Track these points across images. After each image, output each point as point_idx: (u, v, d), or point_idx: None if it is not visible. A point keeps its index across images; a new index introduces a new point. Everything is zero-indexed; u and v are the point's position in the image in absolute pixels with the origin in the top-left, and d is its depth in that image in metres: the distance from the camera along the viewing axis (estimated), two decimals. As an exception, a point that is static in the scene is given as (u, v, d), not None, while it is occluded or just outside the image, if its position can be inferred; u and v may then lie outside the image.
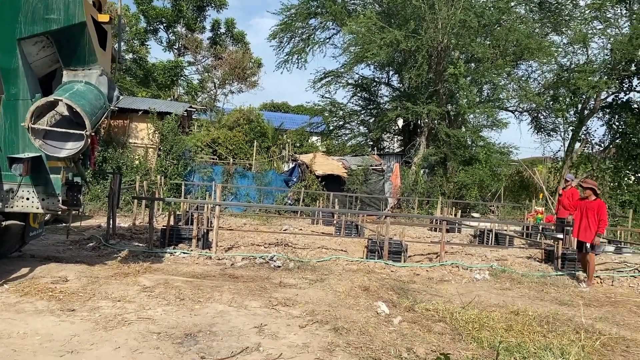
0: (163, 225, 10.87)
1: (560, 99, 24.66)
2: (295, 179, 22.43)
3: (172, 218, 11.23)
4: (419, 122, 25.37)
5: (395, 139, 31.34)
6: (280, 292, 7.13)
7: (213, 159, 23.78)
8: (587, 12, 23.69)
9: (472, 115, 25.00)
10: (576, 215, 10.18)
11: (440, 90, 23.49)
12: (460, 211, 19.64)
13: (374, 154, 25.96)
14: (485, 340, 5.48)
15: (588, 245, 9.64)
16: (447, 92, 23.92)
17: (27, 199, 6.78)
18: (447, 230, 15.70)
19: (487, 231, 14.35)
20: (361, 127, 29.17)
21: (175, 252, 9.50)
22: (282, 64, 28.38)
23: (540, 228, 15.73)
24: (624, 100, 23.75)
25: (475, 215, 21.84)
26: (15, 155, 6.50)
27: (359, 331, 5.57)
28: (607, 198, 22.47)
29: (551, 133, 26.81)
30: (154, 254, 9.34)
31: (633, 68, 22.66)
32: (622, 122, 23.45)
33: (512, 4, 23.59)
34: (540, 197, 22.96)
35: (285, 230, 14.34)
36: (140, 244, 10.35)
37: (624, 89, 23.78)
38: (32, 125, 6.20)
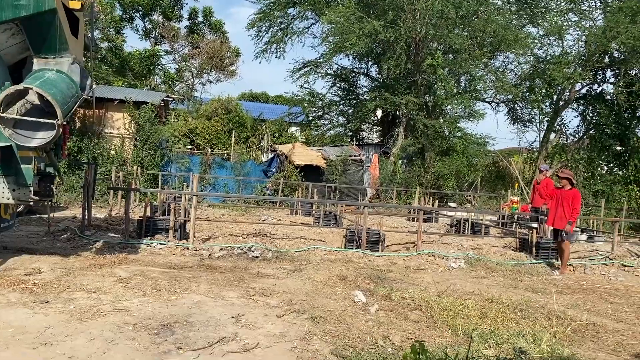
0: (139, 216, 10.77)
1: (536, 90, 24.96)
2: (274, 170, 22.37)
3: (148, 209, 11.15)
4: (397, 113, 25.46)
5: (374, 130, 31.41)
6: (258, 282, 7.13)
7: (191, 149, 23.57)
8: (562, 4, 23.97)
9: (449, 106, 25.17)
10: (552, 204, 10.38)
11: (418, 81, 23.59)
12: (437, 201, 19.81)
13: (353, 145, 26.02)
14: (459, 328, 5.57)
15: (564, 233, 9.84)
16: (425, 83, 24.03)
17: None
18: (425, 220, 15.85)
19: (464, 221, 14.53)
20: (340, 118, 29.14)
21: (151, 243, 9.43)
22: (261, 54, 28.16)
23: (516, 217, 15.99)
24: (598, 91, 24.17)
25: (452, 205, 22.07)
26: None
27: (336, 320, 5.61)
28: (581, 188, 22.88)
29: (527, 124, 27.16)
30: (130, 245, 9.26)
31: (607, 60, 23.05)
32: (595, 114, 23.86)
33: (490, -5, 23.75)
34: (516, 187, 23.30)
35: (263, 220, 14.32)
36: (117, 235, 10.24)
37: (598, 80, 24.19)
38: (2, 114, 6.06)
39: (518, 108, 27.28)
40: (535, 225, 12.70)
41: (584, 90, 24.63)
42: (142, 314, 5.36)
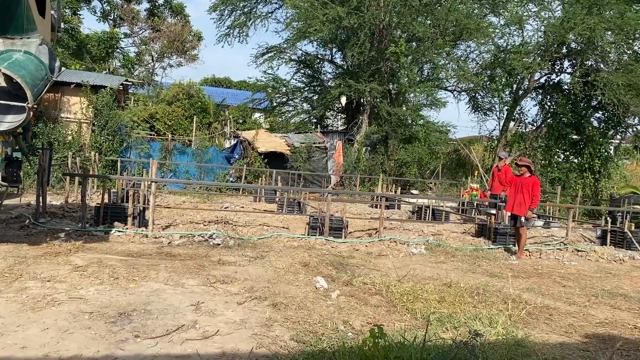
0: (97, 203, 10.50)
1: (497, 79, 25.45)
2: (237, 156, 22.16)
3: (106, 196, 10.88)
4: (361, 100, 25.55)
5: (339, 117, 31.46)
6: (219, 270, 7.06)
7: (150, 135, 23.07)
8: (523, -6, 24.43)
9: (412, 94, 25.42)
10: (511, 191, 10.62)
11: (382, 68, 23.69)
12: (400, 188, 20.05)
13: (317, 132, 26.00)
14: (418, 312, 5.66)
15: (522, 219, 10.10)
16: (389, 71, 24.16)
17: None
18: (387, 207, 16.01)
19: (425, 207, 14.75)
20: (304, 104, 29.06)
21: (109, 231, 9.22)
22: (223, 38, 27.73)
23: (475, 204, 16.33)
24: (555, 81, 24.82)
25: (414, 192, 22.39)
26: None
27: (297, 306, 5.62)
28: (539, 175, 23.54)
29: (487, 112, 27.68)
30: (87, 232, 9.03)
31: (564, 50, 23.64)
32: (553, 103, 24.50)
33: (452, -17, 23.96)
34: (476, 174, 23.78)
35: (226, 208, 14.19)
36: (73, 223, 9.97)
37: (556, 70, 24.84)
38: None
39: (479, 97, 27.77)
40: (493, 211, 13.01)
41: (542, 80, 25.29)
42: (98, 303, 5.24)
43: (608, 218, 13.80)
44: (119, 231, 9.23)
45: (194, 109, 24.92)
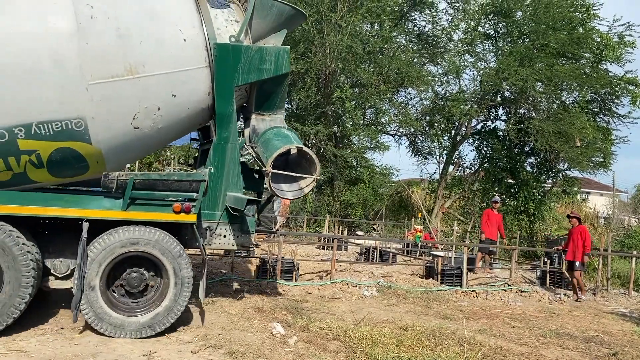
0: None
1: (436, 124, 26.46)
2: (180, 198, 21.61)
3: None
4: (307, 143, 25.78)
5: (284, 158, 31.50)
6: (170, 316, 6.75)
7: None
8: (459, 45, 25.77)
9: (356, 137, 25.95)
10: (567, 240, 11.88)
11: (327, 112, 24.12)
12: (346, 229, 20.15)
13: (263, 173, 25.85)
14: (378, 357, 5.61)
15: (577, 263, 11.27)
16: (334, 115, 24.63)
17: (224, 236, 6.90)
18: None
19: (372, 249, 14.84)
20: (250, 146, 28.93)
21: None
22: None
23: (419, 246, 16.63)
24: (491, 127, 26.06)
25: (360, 233, 22.55)
26: (252, 198, 6.74)
27: (254, 354, 5.44)
28: (477, 218, 24.37)
29: (427, 156, 28.51)
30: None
31: (499, 99, 24.96)
32: (489, 148, 25.61)
33: (394, 34, 24.99)
34: (419, 216, 24.29)
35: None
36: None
37: (491, 117, 26.09)
38: (273, 171, 6.28)
39: (419, 141, 28.63)
40: (439, 253, 13.28)
41: (479, 126, 26.46)
42: (41, 355, 4.88)
43: (546, 259, 14.37)
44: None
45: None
